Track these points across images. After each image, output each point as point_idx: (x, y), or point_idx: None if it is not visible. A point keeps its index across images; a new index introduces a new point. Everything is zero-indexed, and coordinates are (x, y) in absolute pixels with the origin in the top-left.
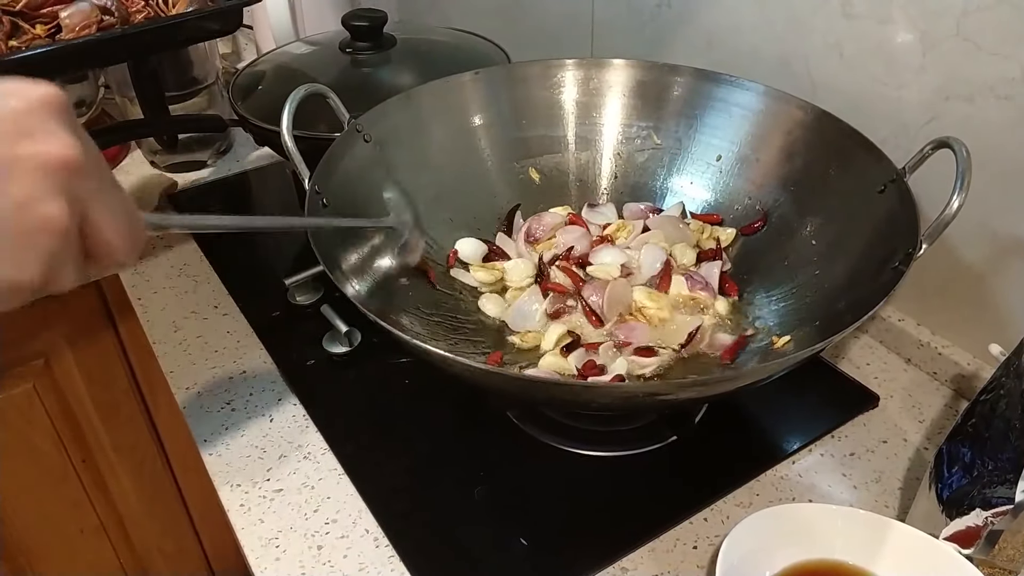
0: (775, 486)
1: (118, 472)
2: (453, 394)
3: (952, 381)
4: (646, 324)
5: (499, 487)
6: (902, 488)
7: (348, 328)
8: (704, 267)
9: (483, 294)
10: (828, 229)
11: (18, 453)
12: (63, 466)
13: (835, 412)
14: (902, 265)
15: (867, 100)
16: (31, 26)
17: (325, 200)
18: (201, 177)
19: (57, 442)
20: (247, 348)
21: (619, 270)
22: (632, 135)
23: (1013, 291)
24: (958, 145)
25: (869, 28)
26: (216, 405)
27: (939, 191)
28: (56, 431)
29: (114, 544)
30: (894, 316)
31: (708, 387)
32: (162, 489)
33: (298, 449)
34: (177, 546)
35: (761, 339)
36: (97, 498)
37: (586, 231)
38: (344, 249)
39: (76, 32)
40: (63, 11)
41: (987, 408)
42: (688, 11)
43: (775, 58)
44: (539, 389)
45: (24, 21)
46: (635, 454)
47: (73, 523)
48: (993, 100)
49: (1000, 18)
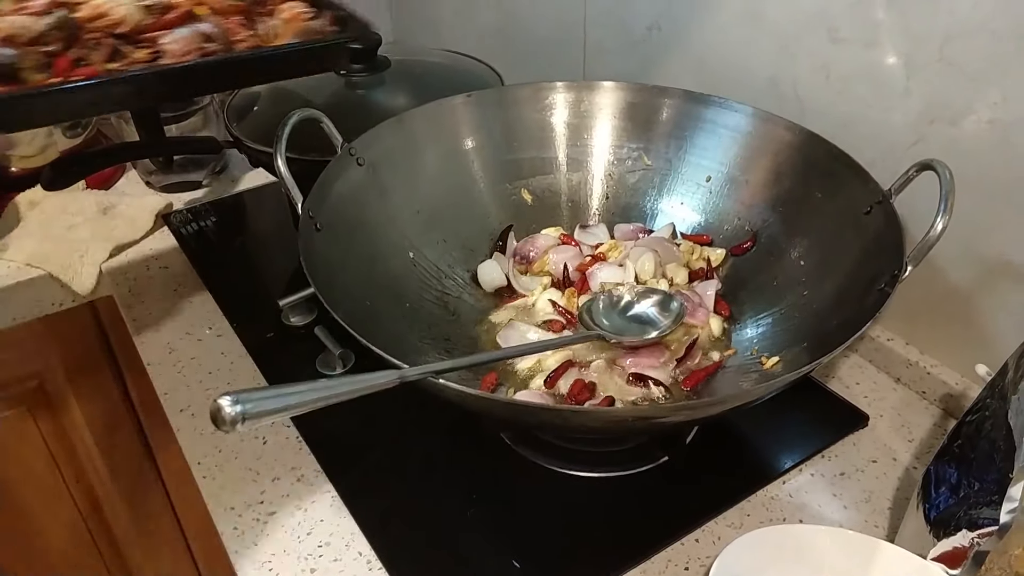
0: (766, 506)
1: (112, 493)
2: (446, 416)
3: (941, 400)
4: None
5: (492, 509)
6: (892, 508)
7: (342, 350)
8: (699, 287)
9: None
10: (816, 250)
11: (12, 474)
12: (57, 487)
13: (825, 432)
14: (888, 287)
15: (854, 122)
16: (133, 49)
17: (318, 224)
18: (196, 198)
19: (51, 463)
20: (241, 369)
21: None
22: (623, 156)
23: (999, 311)
24: (941, 168)
25: (855, 52)
26: (210, 427)
27: (927, 211)
28: (50, 452)
29: (108, 565)
30: (883, 335)
31: (698, 410)
32: (156, 510)
33: (291, 471)
34: (171, 568)
35: (749, 358)
36: (91, 519)
37: (578, 251)
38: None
39: (178, 59)
40: (165, 37)
41: (973, 429)
42: (679, 34)
43: (764, 80)
44: (530, 414)
45: (126, 44)
46: (627, 475)
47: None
48: (976, 123)
49: (981, 44)
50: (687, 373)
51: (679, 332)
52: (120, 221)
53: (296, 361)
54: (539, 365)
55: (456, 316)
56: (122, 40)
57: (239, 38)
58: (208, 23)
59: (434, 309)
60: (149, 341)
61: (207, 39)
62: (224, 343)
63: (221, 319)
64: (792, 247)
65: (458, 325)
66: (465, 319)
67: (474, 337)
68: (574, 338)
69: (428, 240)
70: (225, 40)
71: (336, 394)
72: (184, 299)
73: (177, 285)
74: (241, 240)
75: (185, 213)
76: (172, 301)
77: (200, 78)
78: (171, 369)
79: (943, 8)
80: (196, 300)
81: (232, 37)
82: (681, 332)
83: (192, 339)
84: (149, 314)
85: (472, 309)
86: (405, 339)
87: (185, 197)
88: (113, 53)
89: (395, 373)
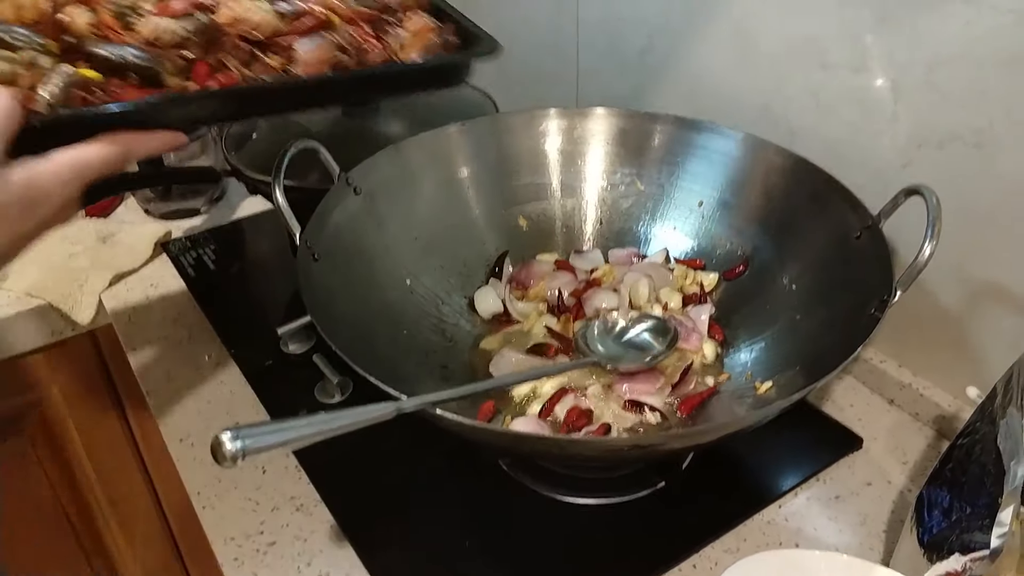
0: (762, 531)
1: (112, 523)
2: (445, 443)
3: (934, 422)
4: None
5: (491, 536)
6: (887, 531)
7: (340, 377)
8: (692, 311)
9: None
10: (807, 274)
11: (12, 503)
12: (57, 516)
13: (820, 454)
14: (877, 312)
15: (844, 147)
16: (266, 55)
17: (316, 253)
18: (195, 226)
19: (52, 493)
20: (240, 398)
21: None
22: (616, 182)
23: (989, 333)
24: (928, 193)
25: (844, 77)
26: (209, 457)
27: (917, 234)
28: (50, 482)
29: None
30: (876, 358)
31: (693, 438)
32: (156, 540)
33: (291, 500)
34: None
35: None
36: (91, 548)
37: (573, 277)
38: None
39: (311, 68)
40: (298, 42)
41: (964, 453)
42: (670, 60)
43: (754, 106)
44: (526, 443)
45: (261, 51)
46: (624, 501)
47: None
48: (963, 148)
49: (965, 70)
50: (682, 398)
51: (673, 357)
52: (119, 249)
53: (295, 389)
54: (535, 391)
55: (453, 343)
56: (257, 46)
57: (369, 49)
58: (342, 33)
59: (431, 336)
60: (148, 370)
61: (341, 49)
62: (223, 371)
63: (220, 347)
64: (784, 271)
65: (455, 352)
66: (462, 346)
67: (471, 364)
68: (569, 365)
69: (425, 267)
70: (358, 51)
71: (334, 427)
72: (183, 327)
73: (176, 313)
74: (239, 267)
75: (184, 241)
76: (171, 329)
77: (337, 90)
78: (170, 398)
79: (929, 35)
80: (195, 328)
81: (363, 48)
82: (675, 357)
83: (191, 367)
84: (148, 343)
85: (469, 336)
86: (403, 367)
87: (184, 225)
88: (251, 58)
89: (392, 405)
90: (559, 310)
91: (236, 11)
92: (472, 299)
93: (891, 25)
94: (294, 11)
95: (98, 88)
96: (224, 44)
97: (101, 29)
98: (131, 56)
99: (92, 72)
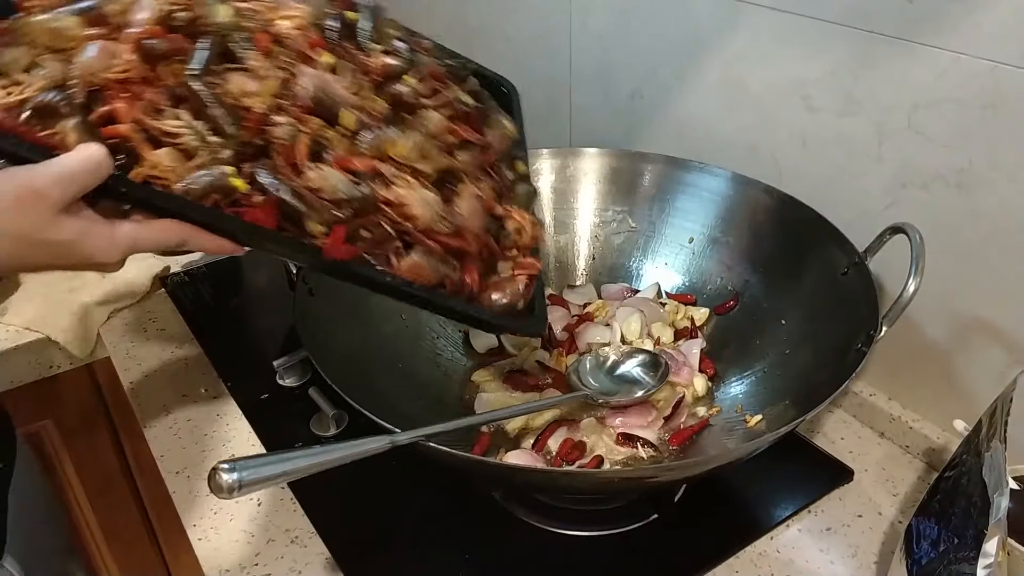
0: (755, 563)
1: (106, 555)
2: (439, 476)
3: (924, 454)
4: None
5: (484, 568)
6: (877, 562)
7: (335, 411)
8: (683, 346)
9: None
10: (796, 309)
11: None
12: None
13: (811, 486)
14: (864, 346)
15: (830, 186)
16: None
17: (312, 289)
18: (193, 261)
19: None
20: (236, 431)
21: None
22: (608, 219)
23: (975, 367)
24: (912, 232)
25: (829, 120)
26: (205, 489)
27: (902, 271)
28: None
29: None
30: (866, 391)
31: (684, 471)
32: (151, 573)
33: (286, 533)
34: None
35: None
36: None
37: (566, 312)
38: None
39: (413, 270)
40: (415, 252)
41: (951, 485)
42: (660, 102)
43: (743, 146)
44: (519, 475)
45: (396, 233)
46: (617, 533)
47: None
48: (945, 188)
49: (946, 113)
50: (674, 431)
51: (665, 391)
52: (118, 284)
53: (290, 422)
54: (528, 424)
55: (448, 376)
56: (394, 230)
57: (469, 282)
58: (452, 272)
59: (427, 370)
60: (146, 403)
61: (447, 274)
62: (219, 404)
63: (216, 381)
64: (773, 307)
65: (450, 385)
66: (457, 380)
67: (464, 397)
68: (561, 399)
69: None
70: (458, 279)
71: (329, 460)
72: (180, 361)
73: (174, 347)
74: (236, 302)
75: (182, 276)
76: (169, 363)
77: (415, 299)
78: (167, 431)
79: (911, 80)
80: (192, 362)
81: (464, 280)
82: (667, 391)
83: (188, 400)
84: (146, 376)
85: (464, 369)
86: (398, 400)
87: (182, 260)
88: (378, 243)
89: (387, 438)
90: (551, 344)
91: (405, 197)
92: (468, 333)
93: (874, 70)
94: (453, 228)
95: (231, 196)
96: (371, 218)
97: (288, 154)
98: (287, 197)
99: (242, 184)
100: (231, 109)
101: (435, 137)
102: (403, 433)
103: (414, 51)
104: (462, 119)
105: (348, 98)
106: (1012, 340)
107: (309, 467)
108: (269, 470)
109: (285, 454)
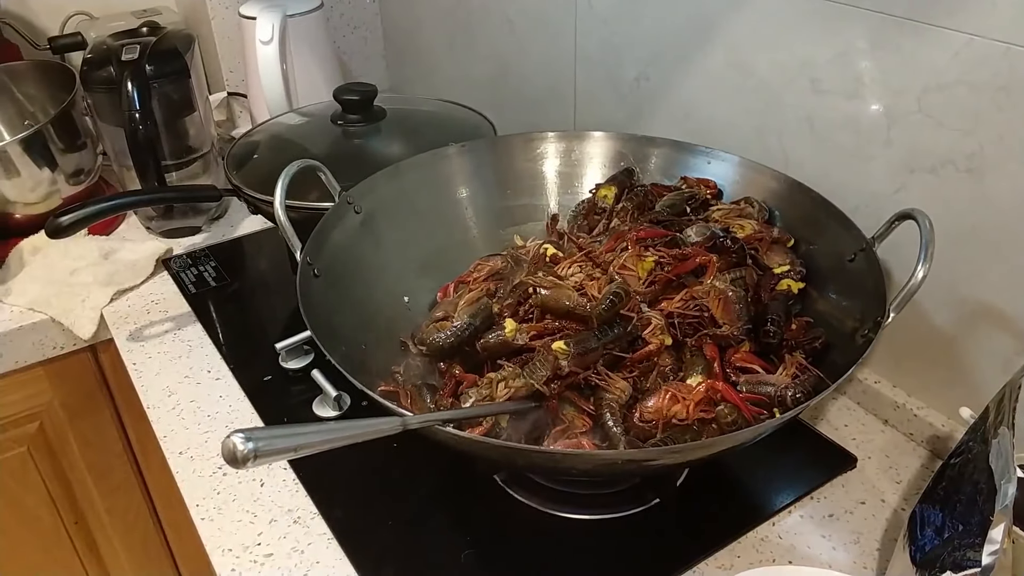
0: (756, 548)
1: (110, 535)
2: (441, 458)
3: (928, 442)
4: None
5: (486, 550)
6: (880, 549)
7: (338, 392)
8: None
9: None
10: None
11: (11, 515)
12: (55, 528)
13: (814, 473)
14: (871, 333)
15: (838, 171)
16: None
17: (316, 270)
18: (196, 243)
19: (50, 505)
20: (239, 412)
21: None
22: None
23: (982, 354)
24: (921, 217)
25: (838, 103)
26: (208, 470)
27: (910, 257)
28: (49, 494)
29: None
30: (870, 378)
31: (687, 453)
32: (154, 553)
33: (288, 513)
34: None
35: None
36: (89, 561)
37: None
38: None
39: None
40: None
41: (956, 472)
42: (665, 85)
43: (749, 130)
44: (521, 456)
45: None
46: (619, 517)
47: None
48: (955, 173)
49: (957, 97)
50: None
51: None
52: (121, 266)
53: (293, 404)
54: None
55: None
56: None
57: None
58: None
59: None
60: (148, 384)
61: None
62: (222, 386)
63: (219, 362)
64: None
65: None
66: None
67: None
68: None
69: (423, 285)
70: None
71: (342, 437)
72: (183, 343)
73: (176, 329)
74: (239, 285)
75: (185, 258)
76: (171, 345)
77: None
78: (170, 412)
79: (922, 62)
80: (195, 344)
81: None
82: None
83: (191, 382)
84: (149, 358)
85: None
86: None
87: (185, 242)
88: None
89: (398, 420)
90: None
91: (655, 328)
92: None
93: (884, 52)
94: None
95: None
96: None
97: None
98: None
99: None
100: None
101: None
102: (414, 416)
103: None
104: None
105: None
106: (1020, 327)
107: (322, 442)
108: (283, 442)
109: (298, 427)
